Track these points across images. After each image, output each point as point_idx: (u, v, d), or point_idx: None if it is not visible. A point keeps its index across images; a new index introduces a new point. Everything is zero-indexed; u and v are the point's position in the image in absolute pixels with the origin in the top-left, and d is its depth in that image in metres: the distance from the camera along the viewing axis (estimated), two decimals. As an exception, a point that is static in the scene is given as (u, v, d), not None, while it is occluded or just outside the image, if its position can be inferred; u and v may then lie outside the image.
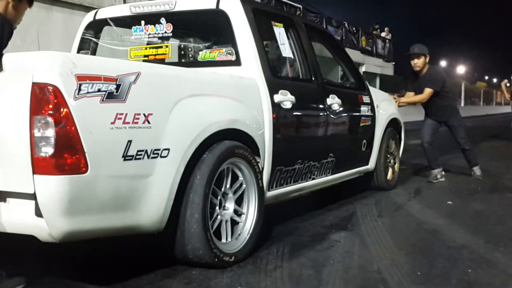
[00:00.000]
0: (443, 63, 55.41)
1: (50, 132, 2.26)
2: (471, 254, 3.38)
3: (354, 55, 19.82)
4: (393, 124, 5.79)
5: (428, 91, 6.16)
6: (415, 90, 6.37)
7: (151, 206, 2.67)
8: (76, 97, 2.30)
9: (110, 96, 2.44)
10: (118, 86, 2.48)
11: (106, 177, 2.43)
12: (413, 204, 5.03)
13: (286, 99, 3.71)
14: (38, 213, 2.31)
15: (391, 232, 3.93)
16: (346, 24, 24.30)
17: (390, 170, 5.75)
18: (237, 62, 3.60)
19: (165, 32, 3.86)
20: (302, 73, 4.17)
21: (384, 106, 5.60)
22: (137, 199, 2.61)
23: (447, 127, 6.49)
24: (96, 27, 4.17)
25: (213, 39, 3.84)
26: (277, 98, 3.63)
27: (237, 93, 3.38)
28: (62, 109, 2.26)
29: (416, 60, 6.22)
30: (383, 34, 29.35)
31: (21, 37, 7.81)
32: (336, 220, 4.32)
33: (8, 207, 2.40)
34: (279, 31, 4.02)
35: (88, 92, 2.35)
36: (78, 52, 4.13)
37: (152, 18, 3.88)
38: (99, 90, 2.39)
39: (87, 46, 4.16)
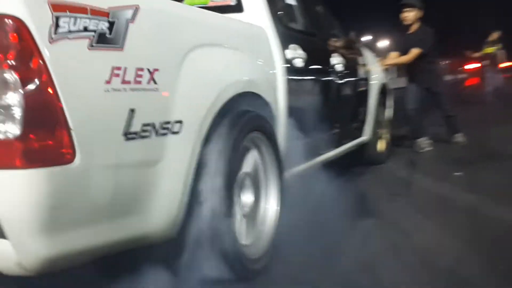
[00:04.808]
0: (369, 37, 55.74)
1: (13, 98, 1.36)
2: None
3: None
4: (383, 90, 5.13)
5: (415, 51, 5.47)
6: (402, 51, 5.70)
7: (162, 206, 1.82)
8: (52, 38, 1.40)
9: (101, 40, 1.55)
10: (111, 25, 1.59)
11: (102, 167, 1.55)
12: (420, 178, 4.36)
13: (297, 55, 2.92)
14: (-2, 233, 1.42)
15: (432, 218, 3.18)
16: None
17: (382, 141, 5.09)
18: (237, 8, 2.77)
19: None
20: (306, 25, 3.38)
21: (375, 70, 4.92)
22: (144, 197, 1.75)
23: (430, 94, 5.89)
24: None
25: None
26: (289, 54, 2.83)
27: (249, 45, 2.55)
28: (31, 58, 1.36)
29: (406, 13, 5.51)
30: None
31: None
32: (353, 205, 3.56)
33: None
34: (279, -30, 3.20)
35: (69, 31, 1.45)
36: None
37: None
38: (85, 29, 1.50)
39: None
